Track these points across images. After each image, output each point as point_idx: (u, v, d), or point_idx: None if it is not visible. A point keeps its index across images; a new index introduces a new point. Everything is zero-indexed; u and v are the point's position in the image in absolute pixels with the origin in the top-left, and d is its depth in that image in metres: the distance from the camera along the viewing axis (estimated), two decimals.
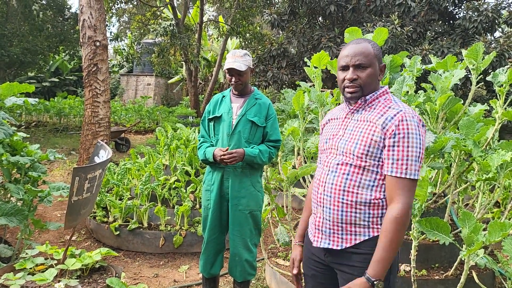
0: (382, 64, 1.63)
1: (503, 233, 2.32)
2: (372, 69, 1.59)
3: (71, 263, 2.30)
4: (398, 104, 1.60)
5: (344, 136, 1.64)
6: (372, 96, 1.62)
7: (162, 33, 12.45)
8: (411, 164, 1.50)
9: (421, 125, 1.55)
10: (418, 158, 1.51)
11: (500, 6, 9.79)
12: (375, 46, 1.62)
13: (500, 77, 3.23)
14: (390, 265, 1.48)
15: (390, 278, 1.61)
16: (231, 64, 2.72)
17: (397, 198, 1.50)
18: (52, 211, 5.22)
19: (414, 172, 1.50)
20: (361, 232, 1.58)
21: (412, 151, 1.51)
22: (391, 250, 1.47)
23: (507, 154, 2.79)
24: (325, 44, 10.36)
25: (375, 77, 1.61)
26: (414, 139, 1.51)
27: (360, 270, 1.54)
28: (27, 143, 3.64)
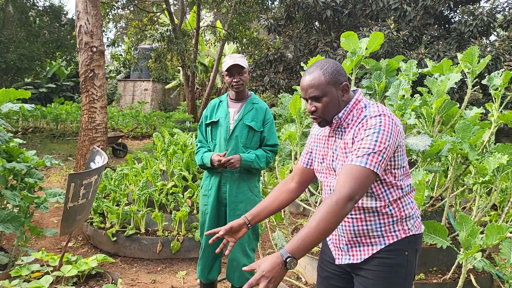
0: (342, 84, 1.58)
1: (500, 236, 2.32)
2: (327, 98, 1.56)
3: (67, 270, 2.28)
4: (367, 108, 1.57)
5: (334, 156, 1.64)
6: (344, 113, 1.60)
7: (159, 38, 12.46)
8: (364, 153, 1.45)
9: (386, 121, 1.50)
10: (373, 149, 1.44)
11: (495, 10, 9.85)
12: (327, 72, 1.56)
13: (495, 80, 3.24)
14: (311, 247, 1.36)
15: (405, 284, 1.60)
16: (232, 62, 2.71)
17: (344, 183, 1.42)
18: (49, 217, 5.19)
19: (365, 161, 1.43)
20: (376, 242, 1.58)
21: (365, 142, 1.46)
22: (316, 230, 1.35)
23: (504, 157, 2.80)
24: (322, 48, 10.39)
25: (333, 103, 1.58)
26: (371, 132, 1.47)
27: (375, 273, 1.56)
28: (24, 149, 3.62)
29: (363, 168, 1.43)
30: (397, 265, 1.57)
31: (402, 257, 1.58)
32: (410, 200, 1.63)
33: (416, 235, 1.62)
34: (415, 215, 1.64)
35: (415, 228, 1.62)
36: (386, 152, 1.46)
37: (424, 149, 2.85)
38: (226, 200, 2.80)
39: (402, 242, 1.58)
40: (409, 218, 1.61)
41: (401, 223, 1.59)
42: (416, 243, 1.62)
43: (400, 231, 1.58)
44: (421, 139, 2.92)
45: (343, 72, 1.60)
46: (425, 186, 2.45)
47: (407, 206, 1.61)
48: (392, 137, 1.49)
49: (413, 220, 1.62)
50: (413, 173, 2.65)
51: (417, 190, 2.43)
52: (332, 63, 1.60)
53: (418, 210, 1.69)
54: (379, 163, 1.45)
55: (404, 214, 1.59)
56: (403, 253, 1.58)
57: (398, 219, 1.58)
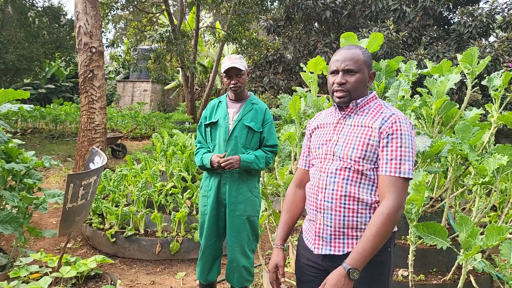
0: (371, 71, 1.68)
1: (500, 237, 2.32)
2: (360, 75, 1.63)
3: (66, 271, 2.27)
4: (389, 108, 1.64)
5: (339, 141, 1.65)
6: (363, 101, 1.66)
7: (159, 39, 12.46)
8: (404, 163, 1.52)
9: (411, 128, 1.59)
10: (410, 157, 1.54)
11: (495, 11, 9.87)
12: (366, 53, 1.65)
13: (495, 81, 3.24)
14: (369, 258, 1.47)
15: (389, 280, 1.62)
16: (230, 65, 2.71)
17: (388, 195, 1.51)
18: (48, 218, 5.18)
19: (407, 171, 1.52)
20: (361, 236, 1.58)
21: (405, 151, 1.53)
22: (373, 243, 1.47)
23: (503, 158, 2.80)
24: (321, 49, 10.40)
25: (363, 83, 1.64)
26: (407, 140, 1.55)
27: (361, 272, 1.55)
28: (23, 150, 3.61)
29: (406, 179, 1.53)
30: (382, 262, 1.59)
31: (386, 254, 1.61)
32: None
33: (394, 232, 1.66)
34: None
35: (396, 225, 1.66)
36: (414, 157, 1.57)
37: (423, 150, 2.84)
38: (225, 201, 2.79)
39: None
40: None
41: None
42: (394, 239, 1.67)
43: None
44: (421, 140, 2.92)
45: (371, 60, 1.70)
46: (425, 187, 2.44)
47: None
48: (415, 142, 1.60)
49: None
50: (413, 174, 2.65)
51: (417, 191, 2.42)
52: (366, 50, 1.68)
53: None
54: (413, 169, 1.56)
55: None
56: (387, 249, 1.61)
57: None
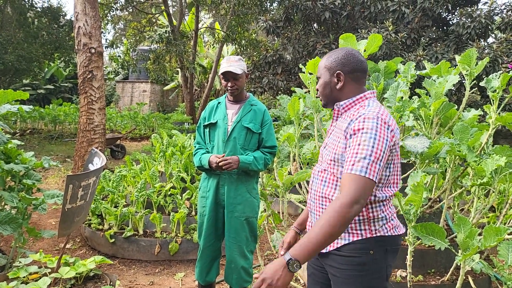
0: (336, 72, 1.67)
1: (498, 237, 2.33)
2: (322, 79, 1.72)
3: (65, 272, 2.28)
4: (368, 108, 1.61)
5: (327, 144, 1.72)
6: (346, 103, 1.68)
7: (158, 40, 12.47)
8: (359, 160, 1.48)
9: (380, 126, 1.53)
10: (367, 155, 1.48)
11: (493, 12, 9.88)
12: (330, 58, 1.70)
13: (493, 82, 3.25)
14: (315, 250, 1.41)
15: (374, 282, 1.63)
16: (226, 68, 2.72)
17: (341, 191, 1.48)
18: (47, 219, 5.18)
19: (359, 168, 1.47)
20: (342, 236, 1.62)
21: (363, 148, 1.49)
22: (317, 236, 1.40)
23: (501, 159, 2.81)
24: (320, 50, 10.40)
25: (325, 86, 1.71)
26: (368, 137, 1.50)
27: (342, 271, 1.61)
28: (22, 150, 3.61)
29: (362, 177, 1.47)
30: (362, 263, 1.60)
31: (367, 256, 1.60)
32: (383, 204, 1.64)
33: (386, 236, 1.63)
34: (387, 217, 1.65)
35: (384, 230, 1.63)
36: (382, 159, 1.51)
37: (422, 150, 2.85)
38: (224, 202, 2.79)
39: (368, 242, 1.60)
40: (377, 220, 1.62)
41: (368, 223, 1.61)
42: (386, 244, 1.64)
43: (366, 231, 1.61)
44: (419, 141, 2.93)
45: (349, 63, 1.67)
46: (423, 188, 2.45)
47: (377, 209, 1.62)
48: (387, 143, 1.53)
49: (383, 222, 1.63)
50: (411, 175, 2.66)
51: (415, 192, 2.43)
52: (346, 52, 1.69)
53: (394, 214, 1.70)
54: (377, 171, 1.49)
55: (372, 215, 1.61)
56: (368, 252, 1.60)
57: (365, 219, 1.61)
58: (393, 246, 1.66)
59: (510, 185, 3.42)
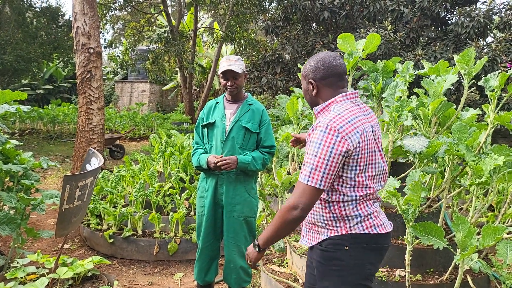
0: (309, 80, 1.79)
1: (496, 237, 2.33)
2: (302, 87, 1.87)
3: (63, 272, 2.28)
4: (326, 115, 1.70)
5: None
6: (320, 108, 1.79)
7: (157, 40, 12.45)
8: (304, 169, 1.62)
9: (326, 135, 1.59)
10: (311, 164, 1.59)
11: (492, 12, 9.87)
12: (306, 66, 1.83)
13: (492, 81, 3.25)
14: (268, 242, 1.71)
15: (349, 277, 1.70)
16: (226, 67, 2.71)
17: (291, 194, 1.64)
18: (45, 219, 5.17)
19: (304, 177, 1.60)
20: (321, 231, 1.75)
21: (308, 157, 1.62)
22: (270, 230, 1.68)
23: (500, 158, 2.80)
24: (319, 50, 10.39)
25: (305, 92, 1.86)
26: (313, 147, 1.62)
27: (321, 265, 1.74)
28: (20, 151, 3.61)
29: (305, 184, 1.60)
30: (337, 258, 1.70)
31: (342, 252, 1.70)
32: (356, 202, 1.71)
33: (362, 234, 1.71)
34: (362, 215, 1.71)
35: (360, 228, 1.71)
36: (328, 168, 1.59)
37: (420, 150, 2.85)
38: (222, 201, 2.79)
39: (343, 238, 1.71)
40: (351, 217, 1.71)
41: (342, 220, 1.72)
42: (363, 242, 1.71)
43: (342, 228, 1.71)
44: (418, 140, 2.93)
45: (319, 70, 1.76)
46: (421, 187, 2.45)
47: (349, 207, 1.71)
48: (335, 151, 1.59)
49: (357, 220, 1.71)
50: (410, 174, 2.66)
51: (413, 191, 2.43)
52: (317, 60, 1.79)
53: (372, 213, 1.75)
54: (321, 179, 1.59)
55: (344, 213, 1.71)
56: (343, 247, 1.70)
57: (338, 216, 1.71)
58: (371, 244, 1.72)
59: (508, 184, 3.42)
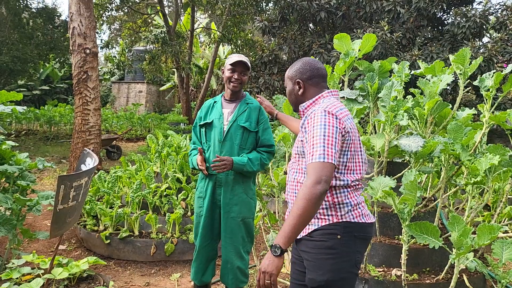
0: (296, 80, 1.93)
1: (491, 236, 2.34)
2: (287, 88, 1.99)
3: (58, 273, 2.27)
4: (319, 105, 1.82)
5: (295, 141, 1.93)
6: (307, 103, 1.90)
7: (153, 40, 12.43)
8: (316, 150, 1.66)
9: (329, 117, 1.71)
10: (320, 143, 1.66)
11: (488, 12, 9.93)
12: (291, 68, 1.97)
13: (487, 81, 3.26)
14: (291, 235, 1.60)
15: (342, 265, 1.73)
16: (238, 58, 2.70)
17: (306, 177, 1.65)
18: (42, 220, 5.16)
19: (317, 156, 1.64)
20: (312, 222, 1.78)
21: (315, 139, 1.68)
22: (290, 221, 1.60)
23: (495, 157, 2.82)
24: (316, 50, 10.42)
25: (290, 94, 1.98)
26: (317, 128, 1.70)
27: (312, 255, 1.75)
28: (17, 151, 3.60)
29: (322, 162, 1.64)
30: (330, 247, 1.73)
31: (334, 240, 1.74)
32: (347, 190, 1.78)
33: (353, 222, 1.76)
34: (352, 204, 1.78)
35: (351, 216, 1.76)
36: (336, 144, 1.68)
37: (416, 150, 2.86)
38: (220, 202, 2.78)
39: (335, 227, 1.74)
40: (342, 205, 1.76)
41: (334, 209, 1.76)
42: (354, 231, 1.77)
43: (333, 216, 1.76)
44: (414, 140, 2.94)
45: (306, 71, 1.91)
46: (417, 186, 2.45)
47: (341, 194, 1.77)
48: (337, 130, 1.70)
49: (348, 208, 1.76)
50: (406, 174, 2.66)
51: (409, 191, 2.44)
52: (303, 62, 1.94)
53: (361, 202, 1.83)
54: (333, 155, 1.66)
55: (336, 200, 1.76)
56: (335, 236, 1.74)
57: (331, 204, 1.76)
58: (361, 233, 1.78)
59: (504, 183, 3.43)
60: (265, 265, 1.60)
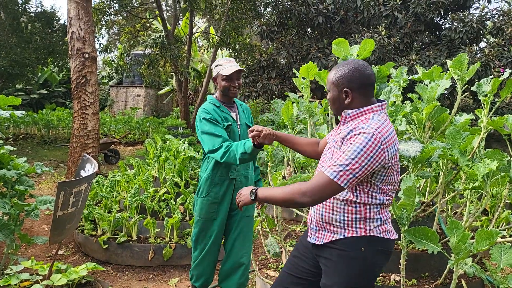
0: (343, 89, 1.76)
1: (490, 241, 2.34)
2: (330, 94, 1.83)
3: (57, 279, 2.26)
4: (370, 122, 1.68)
5: (327, 148, 1.86)
6: (354, 112, 1.77)
7: (152, 44, 12.44)
8: (335, 165, 1.61)
9: (373, 144, 1.60)
10: (345, 165, 1.59)
11: (485, 17, 9.97)
12: (338, 73, 1.78)
13: (484, 87, 3.28)
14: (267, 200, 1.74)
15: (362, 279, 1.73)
16: (236, 67, 2.68)
17: (311, 180, 1.65)
18: (39, 225, 5.14)
19: (332, 172, 1.60)
20: (337, 231, 1.76)
21: (344, 157, 1.60)
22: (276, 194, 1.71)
23: (493, 163, 2.82)
24: (314, 54, 10.44)
25: (333, 101, 1.82)
26: (353, 149, 1.61)
27: (333, 263, 1.74)
28: (14, 156, 3.59)
29: (330, 179, 1.60)
30: (353, 258, 1.72)
31: (358, 252, 1.72)
32: (379, 207, 1.76)
33: (378, 237, 1.75)
34: (382, 220, 1.77)
35: (378, 231, 1.75)
36: (360, 172, 1.61)
37: (415, 155, 2.86)
38: (235, 205, 2.79)
39: (361, 239, 1.73)
40: (373, 220, 1.74)
41: (364, 222, 1.73)
42: (378, 245, 1.75)
43: (361, 229, 1.73)
44: (412, 145, 2.94)
45: (355, 79, 1.74)
46: (415, 191, 2.46)
47: (374, 210, 1.75)
48: (372, 160, 1.61)
49: (377, 223, 1.75)
50: (404, 179, 2.67)
51: (408, 196, 2.44)
52: (350, 68, 1.75)
53: (388, 218, 1.81)
54: (349, 180, 1.60)
55: (369, 215, 1.74)
56: (360, 248, 1.72)
57: (362, 218, 1.73)
58: (384, 248, 1.76)
59: (502, 188, 3.44)
60: (243, 194, 1.83)
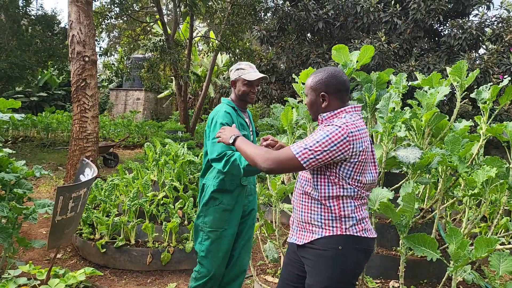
0: (321, 93, 1.89)
1: (489, 248, 2.34)
2: (308, 98, 1.95)
3: (55, 284, 2.25)
4: (341, 119, 1.81)
5: None
6: (328, 114, 1.88)
7: (152, 48, 12.46)
8: (300, 144, 1.74)
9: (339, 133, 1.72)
10: (309, 146, 1.72)
11: (484, 24, 10.01)
12: (315, 78, 1.91)
13: (484, 94, 3.29)
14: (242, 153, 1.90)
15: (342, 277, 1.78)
16: (259, 74, 2.64)
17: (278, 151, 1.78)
18: (37, 228, 5.12)
19: (297, 148, 1.73)
20: (316, 231, 1.83)
21: (310, 139, 1.74)
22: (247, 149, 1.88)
23: (492, 170, 2.83)
24: (314, 60, 10.47)
25: (311, 104, 1.94)
26: (319, 134, 1.73)
27: (312, 262, 1.81)
28: (13, 159, 3.58)
29: (292, 154, 1.73)
30: (331, 258, 1.78)
31: (336, 251, 1.78)
32: (354, 205, 1.82)
33: (355, 236, 1.80)
34: (357, 218, 1.82)
35: (354, 230, 1.80)
36: (320, 155, 1.72)
37: (414, 161, 2.87)
38: (246, 212, 2.77)
39: (338, 238, 1.79)
40: (348, 218, 1.80)
41: (340, 221, 1.80)
42: (355, 243, 1.80)
43: (337, 228, 1.80)
44: (411, 151, 2.95)
45: (332, 84, 1.88)
46: (414, 198, 2.46)
47: (348, 208, 1.81)
48: (335, 148, 1.72)
49: (353, 222, 1.81)
50: (403, 185, 2.67)
51: (407, 202, 2.44)
52: (327, 74, 1.88)
53: (365, 218, 1.86)
54: (309, 159, 1.72)
55: (343, 213, 1.80)
56: (337, 247, 1.78)
57: (337, 216, 1.80)
58: (362, 247, 1.81)
59: (501, 195, 3.44)
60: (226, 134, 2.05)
